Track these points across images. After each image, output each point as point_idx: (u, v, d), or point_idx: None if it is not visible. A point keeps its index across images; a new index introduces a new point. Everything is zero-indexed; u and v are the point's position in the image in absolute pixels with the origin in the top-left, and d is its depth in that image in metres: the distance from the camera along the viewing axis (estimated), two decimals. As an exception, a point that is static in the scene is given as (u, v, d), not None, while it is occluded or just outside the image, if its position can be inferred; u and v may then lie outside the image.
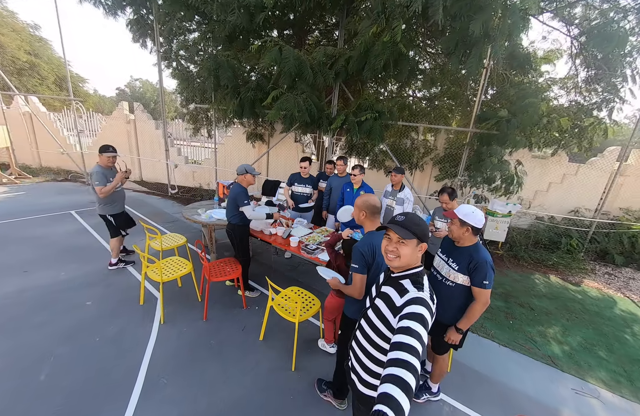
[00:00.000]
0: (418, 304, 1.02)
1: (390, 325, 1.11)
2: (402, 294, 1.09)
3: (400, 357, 0.85)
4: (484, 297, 1.76)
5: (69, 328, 2.66)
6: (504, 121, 4.20)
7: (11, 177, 7.84)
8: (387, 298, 1.14)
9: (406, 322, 0.96)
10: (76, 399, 2.01)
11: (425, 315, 0.99)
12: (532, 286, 4.23)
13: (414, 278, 1.14)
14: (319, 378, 2.27)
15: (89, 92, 19.60)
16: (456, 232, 1.82)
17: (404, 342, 0.89)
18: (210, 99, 6.23)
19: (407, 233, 1.13)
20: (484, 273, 1.72)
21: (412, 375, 0.80)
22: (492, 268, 1.75)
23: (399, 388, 0.76)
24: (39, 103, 9.01)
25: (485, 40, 3.47)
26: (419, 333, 0.93)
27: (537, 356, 2.79)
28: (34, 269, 3.60)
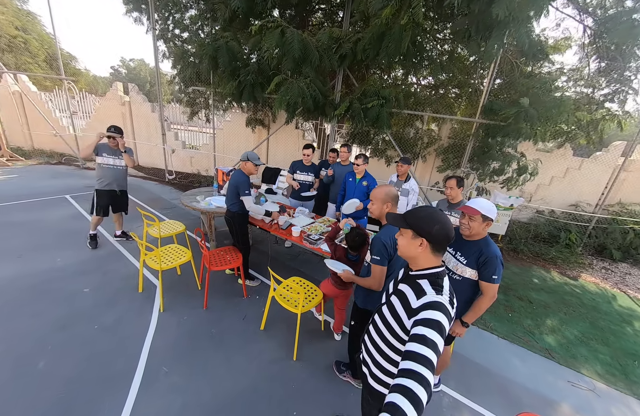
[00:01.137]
0: (435, 310, 0.96)
1: (404, 325, 1.07)
2: (419, 296, 1.03)
3: (413, 368, 0.80)
4: (492, 291, 1.74)
5: (66, 316, 2.62)
6: (522, 112, 4.04)
7: (2, 159, 7.62)
8: (403, 296, 1.09)
9: (422, 329, 0.91)
10: (76, 387, 1.99)
11: (442, 322, 0.93)
12: (531, 280, 4.27)
13: (432, 279, 1.07)
14: (337, 360, 2.35)
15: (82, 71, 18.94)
16: (477, 228, 1.75)
17: (418, 352, 0.84)
18: (207, 81, 6.03)
19: (400, 221, 1.11)
20: (494, 267, 1.70)
21: (423, 389, 0.76)
22: (502, 263, 1.73)
23: (407, 400, 0.73)
24: (29, 82, 8.68)
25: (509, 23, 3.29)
26: (435, 343, 0.88)
27: (535, 349, 2.82)
28: (29, 254, 3.53)
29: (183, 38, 6.50)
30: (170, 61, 6.75)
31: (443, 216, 1.09)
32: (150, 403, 1.94)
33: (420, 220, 1.07)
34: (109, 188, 3.70)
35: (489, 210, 1.72)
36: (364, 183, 3.51)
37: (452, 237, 1.07)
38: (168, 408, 1.91)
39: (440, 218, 1.08)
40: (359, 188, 3.51)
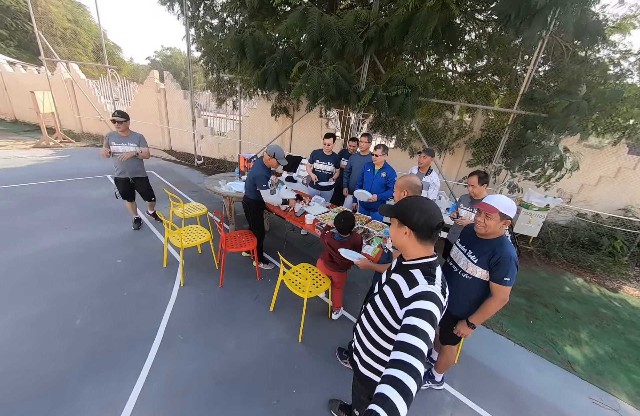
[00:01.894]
0: (427, 300, 0.96)
1: (395, 314, 1.07)
2: (412, 286, 1.03)
3: (403, 359, 0.81)
4: (503, 294, 1.65)
5: (101, 282, 2.95)
6: (574, 104, 3.63)
7: (57, 141, 8.55)
8: (396, 286, 1.09)
9: (413, 320, 0.91)
10: (105, 344, 2.25)
11: (433, 312, 0.94)
12: (561, 287, 3.94)
13: (425, 268, 1.07)
14: (340, 347, 2.42)
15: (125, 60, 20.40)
16: (493, 227, 1.64)
17: (409, 343, 0.84)
18: (235, 68, 6.19)
19: (389, 210, 1.12)
20: (507, 268, 1.61)
21: (413, 379, 0.76)
22: (516, 265, 1.63)
23: (396, 391, 0.73)
24: (79, 70, 9.55)
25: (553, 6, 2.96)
26: (426, 332, 0.88)
27: (555, 360, 2.63)
28: (74, 226, 3.98)
29: (213, 25, 6.69)
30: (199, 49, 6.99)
31: (427, 203, 1.08)
32: (166, 364, 2.14)
33: (403, 207, 1.08)
34: (123, 176, 3.80)
35: (507, 207, 1.60)
36: (383, 175, 3.41)
37: (434, 225, 1.04)
38: (181, 371, 2.10)
39: (422, 205, 1.06)
40: (377, 180, 3.43)
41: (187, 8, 6.42)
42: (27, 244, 3.43)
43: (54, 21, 12.42)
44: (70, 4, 14.00)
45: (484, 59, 5.46)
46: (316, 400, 2.00)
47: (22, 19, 12.53)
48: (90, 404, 1.82)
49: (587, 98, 3.72)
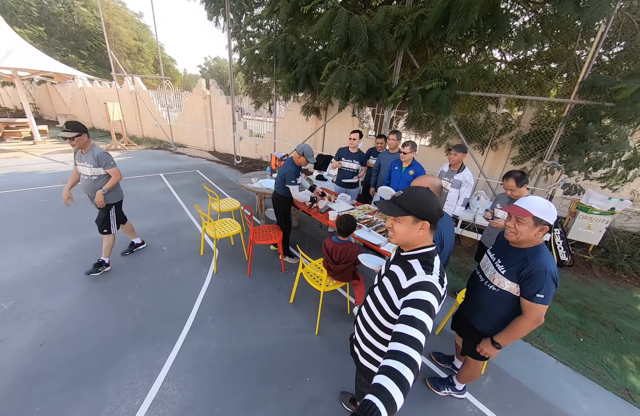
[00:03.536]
0: (424, 290, 0.95)
1: (394, 305, 1.08)
2: (409, 276, 1.03)
3: (400, 349, 0.81)
4: (536, 313, 1.41)
5: (149, 265, 3.37)
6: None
7: (123, 144, 9.91)
8: (394, 277, 1.10)
9: (410, 310, 0.91)
10: (148, 317, 2.58)
11: (431, 302, 0.93)
12: (627, 304, 3.37)
13: (423, 258, 1.06)
14: (343, 391, 2.26)
15: (179, 71, 22.75)
16: (527, 233, 1.43)
17: (406, 334, 0.85)
18: (270, 72, 6.51)
19: (396, 209, 1.06)
20: (541, 284, 1.37)
21: (410, 369, 0.77)
22: (554, 280, 1.39)
23: (393, 381, 0.74)
24: (141, 83, 10.92)
25: None
26: (423, 323, 0.87)
27: (608, 385, 2.27)
28: (131, 216, 4.48)
29: (253, 34, 7.13)
30: (241, 58, 7.50)
31: (429, 192, 1.08)
32: (196, 340, 2.38)
33: (418, 203, 1.05)
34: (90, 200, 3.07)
35: (543, 211, 1.38)
36: (411, 172, 3.31)
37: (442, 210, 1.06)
38: (207, 347, 2.32)
39: (432, 196, 1.07)
40: (405, 178, 3.33)
41: (231, 21, 6.94)
42: (94, 230, 4.03)
43: (122, 40, 14.44)
44: (137, 24, 16.14)
45: (534, 46, 4.88)
46: (328, 390, 2.04)
47: (99, 40, 14.78)
48: (133, 366, 2.11)
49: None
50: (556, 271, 1.41)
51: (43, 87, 14.28)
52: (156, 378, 2.03)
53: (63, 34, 14.73)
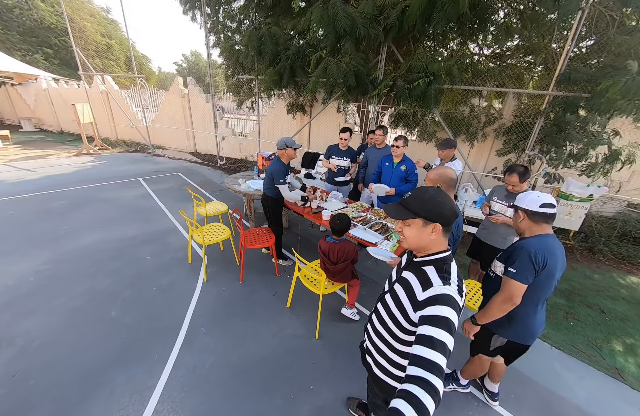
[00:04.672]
0: (442, 304, 0.87)
1: (408, 315, 1.00)
2: (425, 287, 0.95)
3: (420, 375, 0.76)
4: (508, 289, 1.43)
5: (133, 277, 3.15)
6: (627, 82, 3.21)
7: (95, 148, 9.30)
8: (408, 285, 1.01)
9: (428, 329, 0.84)
10: (136, 335, 2.40)
11: (450, 318, 0.85)
12: (609, 286, 3.55)
13: (439, 264, 0.98)
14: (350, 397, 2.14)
15: (154, 70, 21.67)
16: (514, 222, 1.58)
17: (425, 357, 0.78)
18: (252, 69, 6.29)
19: (403, 212, 1.01)
20: (514, 258, 1.42)
21: (430, 397, 0.71)
22: (530, 258, 1.38)
23: (412, 409, 0.69)
24: (112, 82, 10.28)
25: None
26: (443, 343, 0.80)
27: (600, 366, 2.37)
28: (109, 225, 4.29)
29: (232, 28, 6.86)
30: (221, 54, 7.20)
31: (442, 192, 1.00)
32: (189, 356, 2.23)
33: (428, 204, 0.98)
34: None
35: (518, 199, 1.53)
36: (402, 167, 3.27)
37: (457, 213, 0.98)
38: (202, 362, 2.18)
39: (444, 195, 0.99)
40: (397, 173, 3.29)
41: (208, 15, 6.63)
42: (70, 242, 3.76)
43: (89, 37, 13.50)
44: (104, 20, 15.14)
45: (514, 39, 5.01)
46: (333, 397, 1.98)
47: (64, 37, 13.74)
48: (122, 390, 1.94)
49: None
50: (540, 253, 1.38)
51: (3, 89, 13.13)
52: (148, 400, 1.88)
53: (19, 29, 13.54)
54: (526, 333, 1.60)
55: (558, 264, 1.41)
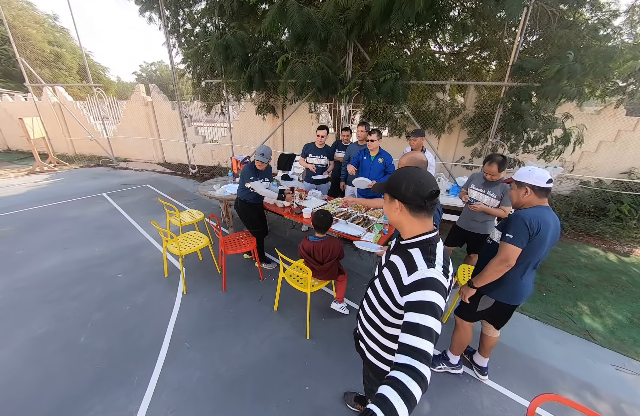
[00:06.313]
0: (427, 289, 0.86)
1: (395, 299, 1.00)
2: (410, 271, 0.93)
3: (406, 362, 0.75)
4: (505, 252, 1.56)
5: (103, 298, 2.88)
6: (565, 68, 3.59)
7: (50, 165, 8.47)
8: (394, 268, 1.01)
9: (413, 316, 0.83)
10: (111, 360, 2.18)
11: (435, 302, 0.84)
12: (572, 257, 3.86)
13: (424, 246, 0.97)
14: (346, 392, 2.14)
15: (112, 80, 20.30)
16: (515, 197, 1.66)
17: (411, 345, 0.78)
18: (219, 73, 6.10)
19: (380, 187, 1.09)
20: (510, 225, 1.56)
21: (416, 384, 0.71)
22: (526, 224, 1.50)
23: (398, 394, 0.69)
24: (65, 93, 9.45)
25: None
26: (429, 329, 0.80)
27: (572, 330, 2.56)
28: (73, 246, 3.91)
29: (195, 33, 6.61)
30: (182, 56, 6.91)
31: (417, 172, 0.99)
32: (173, 374, 2.07)
33: (391, 180, 1.02)
34: None
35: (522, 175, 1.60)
36: (380, 160, 3.33)
37: (425, 194, 0.94)
38: (188, 379, 2.03)
39: (410, 175, 0.98)
40: (375, 166, 3.35)
41: (167, 18, 6.33)
42: (26, 267, 3.36)
43: (35, 46, 12.31)
44: (51, 27, 13.88)
45: (470, 36, 5.35)
46: (330, 395, 1.93)
47: (4, 45, 12.43)
48: (97, 422, 1.75)
49: (580, 60, 3.65)
50: (534, 220, 1.51)
51: None
52: (130, 429, 1.71)
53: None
54: (515, 294, 1.70)
55: (550, 232, 1.53)
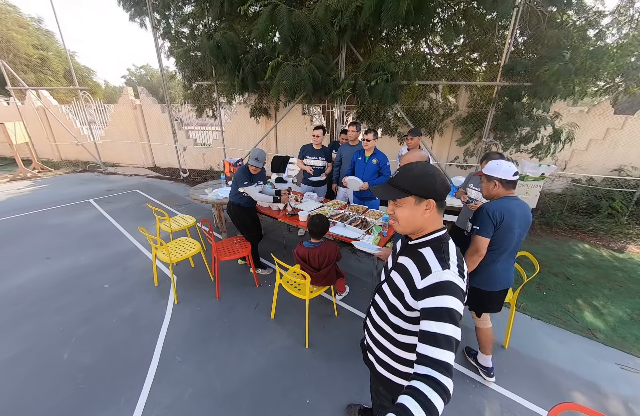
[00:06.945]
0: (443, 294, 0.79)
1: (406, 302, 0.92)
2: (424, 274, 0.86)
3: (428, 374, 0.71)
4: (474, 244, 1.68)
5: (88, 310, 2.72)
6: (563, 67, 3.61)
7: (34, 171, 8.14)
8: (406, 272, 0.92)
9: (431, 325, 0.77)
10: (96, 376, 2.04)
11: (453, 307, 0.78)
12: (568, 254, 3.87)
13: (436, 244, 0.90)
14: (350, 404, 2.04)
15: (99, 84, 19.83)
16: (485, 190, 1.78)
17: (431, 357, 0.73)
18: (210, 75, 5.99)
19: (393, 191, 0.93)
20: (477, 217, 1.68)
21: (439, 395, 0.67)
22: (489, 215, 1.63)
23: (420, 406, 0.65)
24: (50, 97, 9.15)
25: None
26: (448, 337, 0.74)
27: (575, 329, 2.53)
28: (56, 255, 3.71)
29: (185, 34, 6.48)
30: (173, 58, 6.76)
31: (431, 166, 0.94)
32: (164, 391, 1.94)
33: (419, 179, 0.90)
34: None
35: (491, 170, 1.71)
36: (374, 161, 3.26)
37: (449, 185, 0.93)
38: (180, 396, 1.90)
39: (434, 168, 0.93)
40: (369, 167, 3.28)
41: (158, 21, 6.20)
42: (3, 281, 3.16)
43: (19, 49, 11.90)
44: (36, 31, 13.47)
45: (460, 38, 5.39)
46: (333, 408, 1.83)
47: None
48: (79, 449, 1.61)
49: (572, 60, 3.70)
50: (497, 211, 1.62)
51: None
52: (115, 455, 1.58)
53: None
54: (488, 280, 1.80)
55: (516, 221, 1.65)
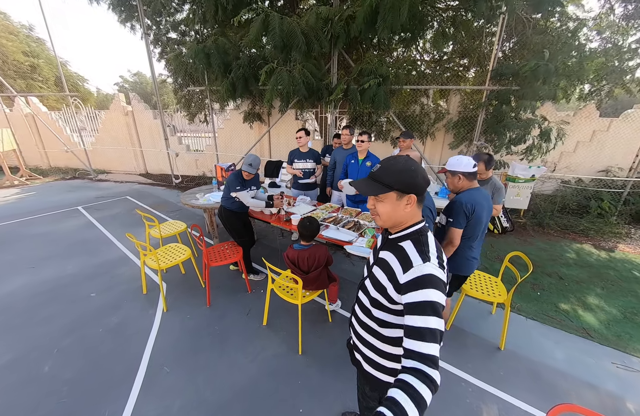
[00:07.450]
0: (425, 287, 0.80)
1: (389, 295, 0.91)
2: (406, 268, 0.85)
3: (415, 366, 0.73)
4: (449, 235, 1.84)
5: (73, 321, 2.61)
6: (541, 67, 3.72)
7: (22, 179, 7.95)
8: (387, 267, 0.92)
9: (415, 320, 0.78)
10: (79, 389, 1.95)
11: (436, 300, 0.78)
12: (560, 254, 3.89)
13: (415, 237, 0.90)
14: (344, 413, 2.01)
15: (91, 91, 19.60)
16: (451, 185, 1.92)
17: (418, 351, 0.75)
18: (202, 81, 5.96)
19: (375, 186, 0.92)
20: (451, 210, 1.82)
21: (426, 387, 0.69)
22: (462, 207, 1.78)
23: (408, 398, 0.67)
24: (40, 103, 9.00)
25: None
26: (433, 330, 0.76)
27: (570, 329, 2.52)
28: (42, 265, 3.59)
29: (177, 40, 6.46)
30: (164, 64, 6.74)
31: (409, 160, 0.93)
32: (151, 403, 1.86)
33: (401, 175, 0.89)
34: None
35: (452, 164, 1.85)
36: (368, 164, 3.24)
37: (428, 179, 0.94)
38: (168, 408, 1.82)
39: (415, 163, 0.92)
40: (363, 170, 3.26)
41: (148, 27, 6.17)
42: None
43: (9, 56, 11.73)
44: (27, 38, 13.31)
45: (449, 44, 5.49)
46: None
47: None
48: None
49: (554, 63, 3.80)
50: (469, 203, 1.78)
51: None
52: (96, 474, 1.49)
53: None
54: (463, 265, 2.00)
55: (484, 211, 1.84)
